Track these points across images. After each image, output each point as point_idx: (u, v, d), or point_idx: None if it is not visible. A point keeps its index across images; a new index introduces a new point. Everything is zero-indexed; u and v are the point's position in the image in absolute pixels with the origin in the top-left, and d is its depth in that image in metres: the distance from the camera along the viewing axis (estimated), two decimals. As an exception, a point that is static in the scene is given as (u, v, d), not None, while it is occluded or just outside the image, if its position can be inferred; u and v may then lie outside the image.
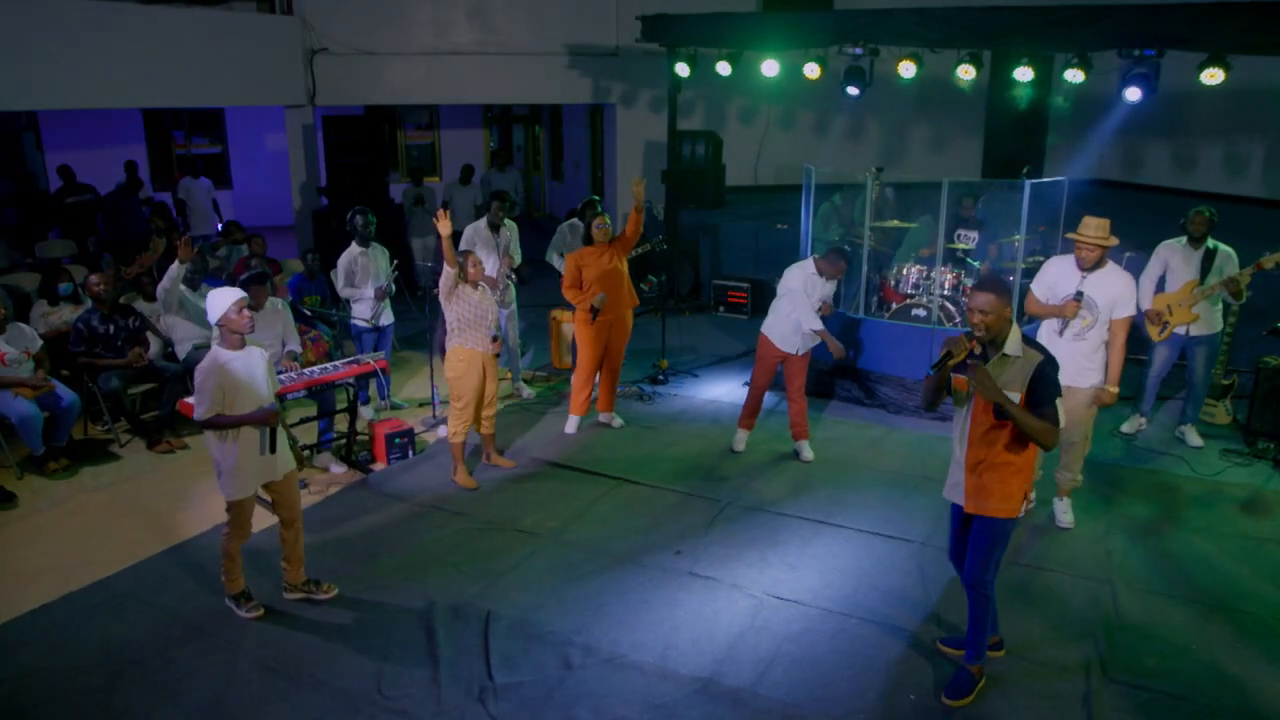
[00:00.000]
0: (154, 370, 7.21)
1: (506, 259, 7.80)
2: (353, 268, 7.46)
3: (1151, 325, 7.13)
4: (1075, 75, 7.95)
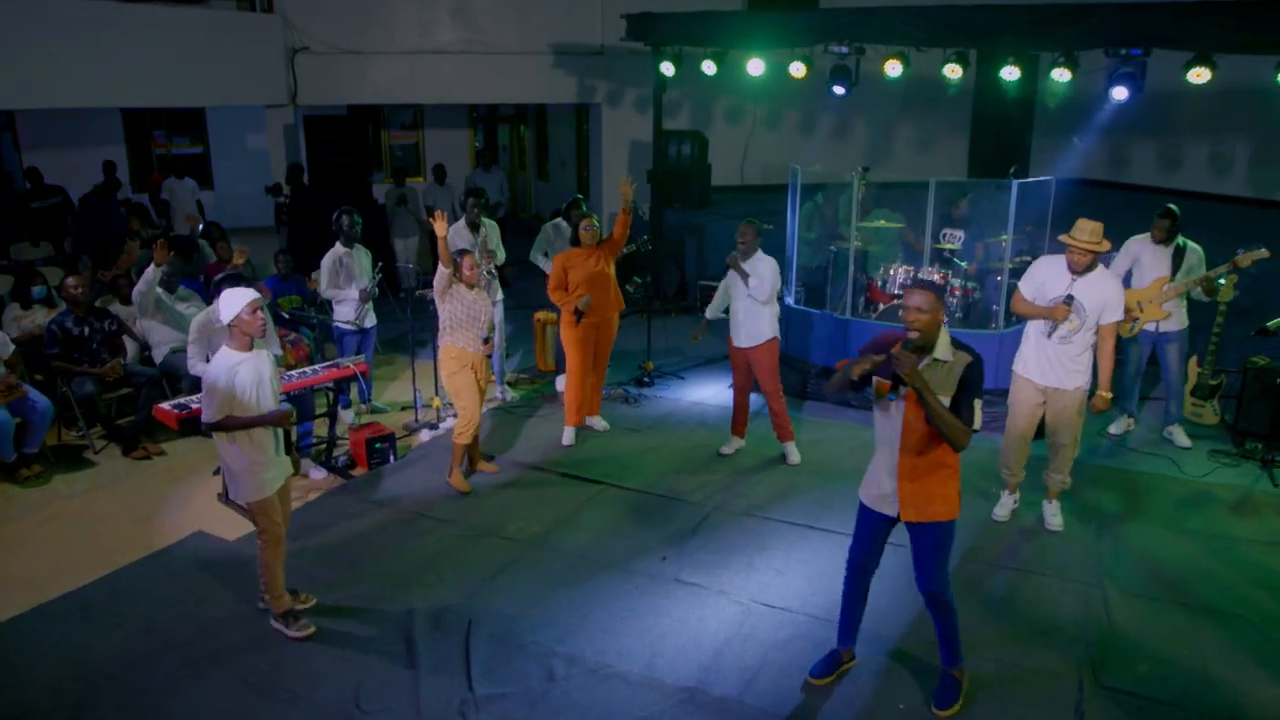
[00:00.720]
0: (130, 375, 7.08)
1: (487, 256, 7.71)
2: (337, 268, 7.35)
3: (1121, 322, 7.09)
4: (1062, 74, 7.91)
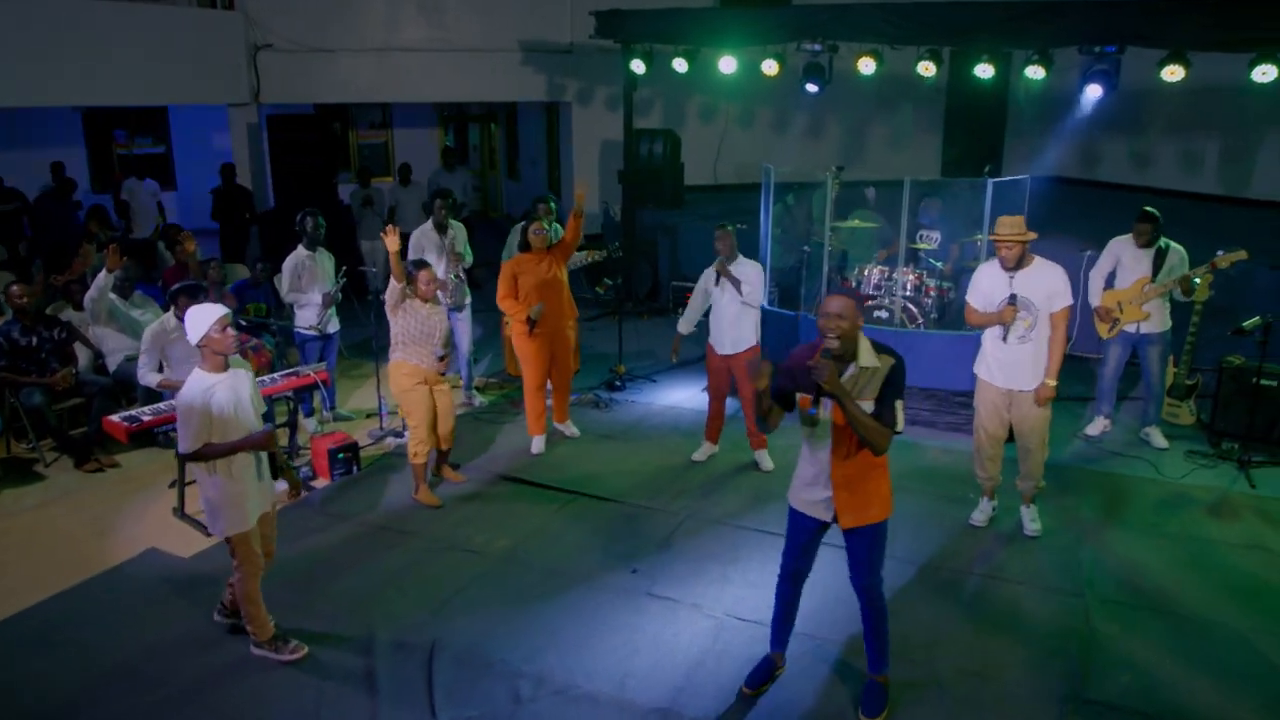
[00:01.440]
0: (82, 384, 6.83)
1: (455, 259, 7.52)
2: (299, 271, 7.12)
3: (1101, 322, 7.04)
4: (1036, 72, 7.85)
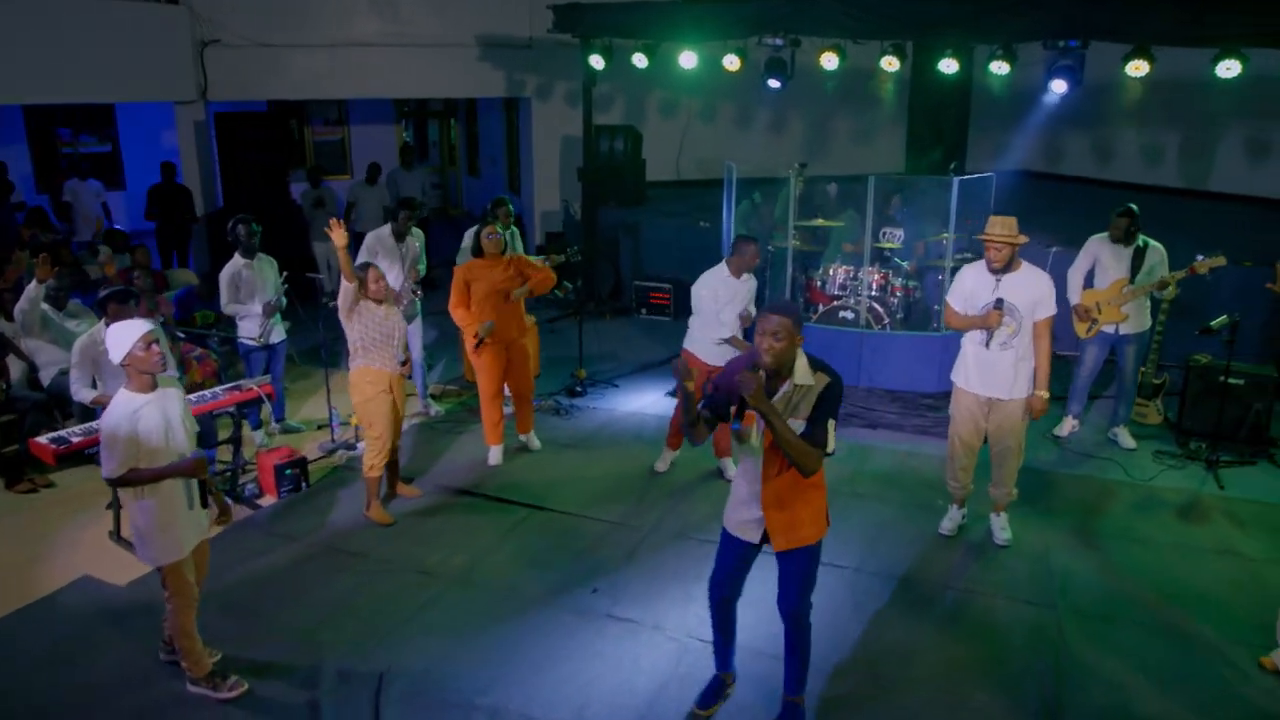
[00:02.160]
0: (14, 400, 6.49)
1: (413, 273, 7.27)
2: (236, 281, 6.81)
3: (1079, 322, 6.94)
4: (1000, 67, 7.71)
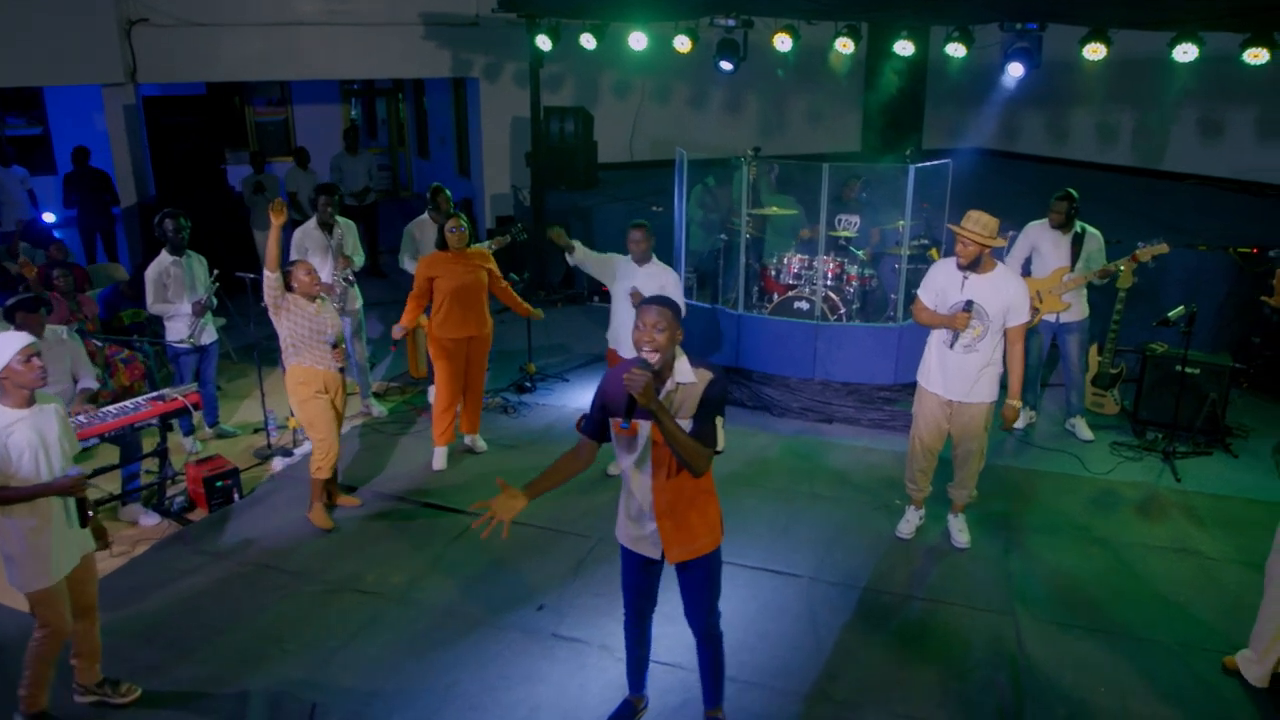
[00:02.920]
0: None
1: (343, 260, 6.94)
2: (164, 280, 6.44)
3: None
4: (957, 49, 7.54)
